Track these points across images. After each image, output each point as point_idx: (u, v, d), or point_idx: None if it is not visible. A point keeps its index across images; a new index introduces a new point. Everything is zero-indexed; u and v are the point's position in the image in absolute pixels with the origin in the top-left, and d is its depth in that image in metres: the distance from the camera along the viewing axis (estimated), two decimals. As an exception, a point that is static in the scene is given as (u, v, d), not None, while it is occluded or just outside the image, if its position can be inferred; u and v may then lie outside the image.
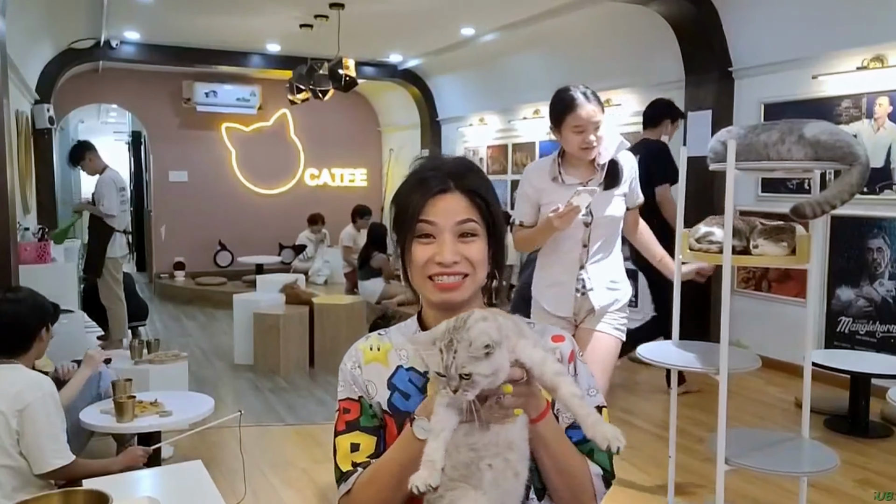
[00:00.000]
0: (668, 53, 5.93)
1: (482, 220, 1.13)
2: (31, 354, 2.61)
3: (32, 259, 5.11)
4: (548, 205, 2.67)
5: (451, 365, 0.92)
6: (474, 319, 0.95)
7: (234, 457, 3.76)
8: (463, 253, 1.11)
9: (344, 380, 1.21)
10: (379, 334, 1.25)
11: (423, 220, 1.11)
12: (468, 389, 0.93)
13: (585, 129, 2.60)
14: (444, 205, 1.12)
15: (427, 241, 1.12)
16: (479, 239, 1.13)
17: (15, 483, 2.32)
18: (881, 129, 4.59)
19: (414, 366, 1.18)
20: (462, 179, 1.13)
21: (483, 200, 1.13)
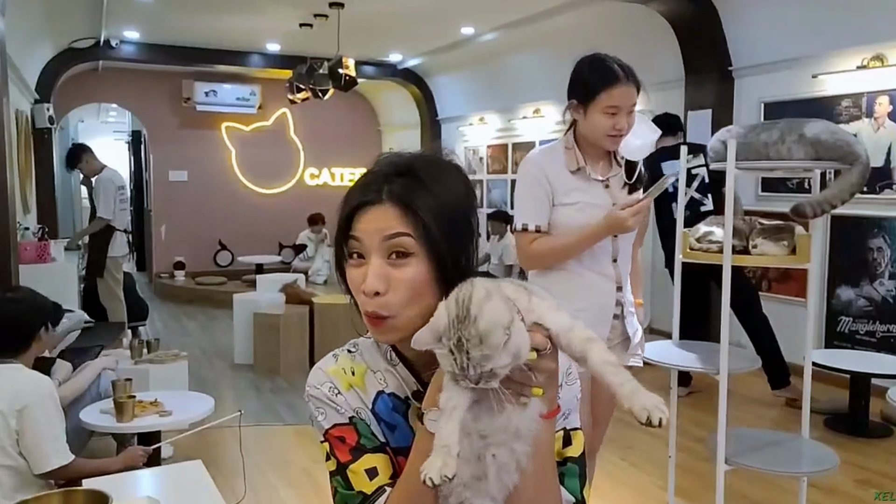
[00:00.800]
0: (668, 53, 5.93)
1: (420, 235, 0.90)
2: (30, 354, 2.61)
3: (32, 259, 5.11)
4: (571, 205, 2.19)
5: (468, 367, 0.80)
6: (477, 305, 0.80)
7: (234, 457, 3.76)
8: (391, 278, 0.91)
9: (324, 405, 1.00)
10: (349, 351, 1.06)
11: (351, 237, 0.93)
12: (490, 380, 0.81)
13: (619, 112, 2.13)
14: (372, 217, 0.92)
15: (357, 262, 0.94)
16: (414, 260, 0.91)
17: (15, 483, 2.32)
18: (881, 128, 4.58)
19: (395, 391, 1.01)
20: (399, 187, 0.92)
21: (419, 212, 0.90)
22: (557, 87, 2.68)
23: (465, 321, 0.80)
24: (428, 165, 0.96)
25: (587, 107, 2.17)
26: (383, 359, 1.03)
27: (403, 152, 1.00)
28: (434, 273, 0.92)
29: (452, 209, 0.94)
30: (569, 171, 2.20)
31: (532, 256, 2.23)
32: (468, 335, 0.80)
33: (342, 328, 5.66)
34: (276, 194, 10.63)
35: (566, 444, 1.01)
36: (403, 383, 1.01)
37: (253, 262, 9.36)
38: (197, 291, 8.99)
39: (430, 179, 0.94)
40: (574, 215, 2.17)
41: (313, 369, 1.06)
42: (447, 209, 0.93)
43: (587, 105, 2.17)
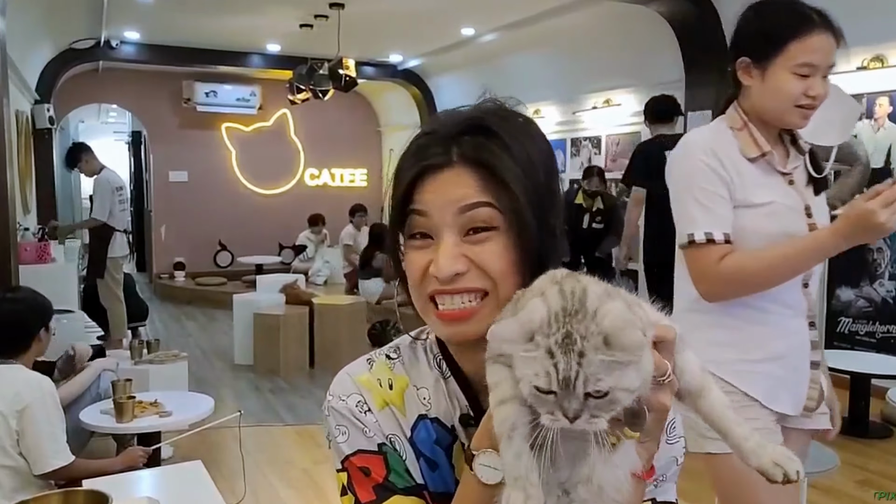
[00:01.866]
0: (668, 53, 5.93)
1: (504, 205, 0.72)
2: (30, 354, 2.61)
3: (32, 259, 5.11)
4: (760, 207, 1.53)
5: (577, 378, 0.56)
6: (597, 299, 0.59)
7: (234, 457, 3.76)
8: (472, 258, 0.72)
9: (347, 423, 0.79)
10: (388, 357, 0.84)
11: (413, 211, 0.75)
12: (599, 415, 0.57)
13: (815, 72, 1.47)
14: (441, 186, 0.73)
15: (421, 244, 0.75)
16: (497, 235, 0.73)
17: (15, 483, 2.32)
18: (881, 129, 4.59)
19: (441, 416, 0.79)
20: (471, 147, 0.73)
21: (502, 177, 0.72)
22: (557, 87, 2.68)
23: (579, 315, 0.57)
24: (501, 119, 0.76)
25: (767, 65, 1.49)
26: (432, 368, 0.82)
27: (463, 108, 0.80)
28: (519, 254, 0.73)
29: (537, 173, 0.75)
30: (746, 160, 1.53)
31: (723, 279, 1.50)
32: (584, 330, 0.56)
33: (342, 329, 5.66)
34: (276, 195, 10.63)
35: None
36: (451, 404, 0.80)
37: (253, 263, 9.36)
38: (197, 292, 8.99)
39: (508, 136, 0.74)
40: (763, 222, 1.52)
41: (340, 374, 0.84)
42: (532, 173, 0.74)
43: (767, 63, 1.49)
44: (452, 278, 0.72)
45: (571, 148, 7.53)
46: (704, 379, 0.68)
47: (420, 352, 0.84)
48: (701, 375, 0.67)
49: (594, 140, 7.20)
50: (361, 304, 6.00)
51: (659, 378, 0.61)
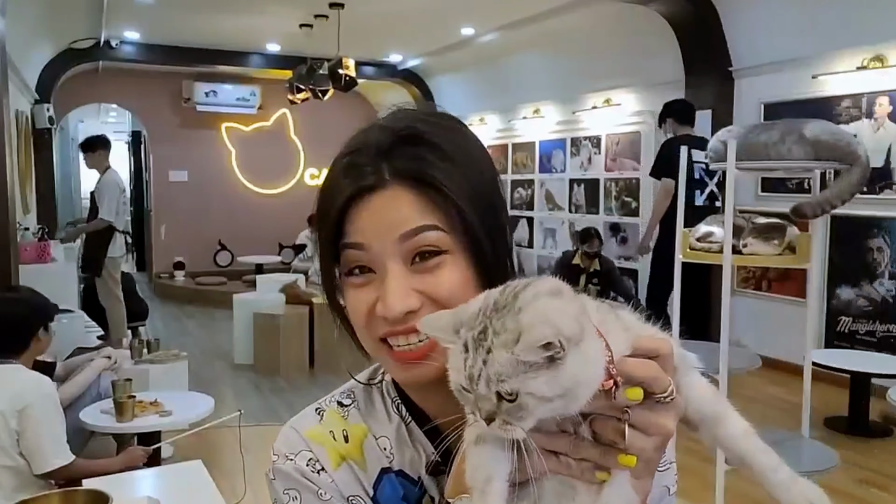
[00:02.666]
0: (668, 53, 5.93)
1: (452, 224, 0.63)
2: (29, 354, 2.61)
3: (32, 259, 5.12)
4: None
5: (479, 376, 0.50)
6: (532, 296, 0.52)
7: (234, 457, 3.76)
8: (424, 290, 0.63)
9: (298, 487, 0.69)
10: (340, 404, 0.74)
11: (348, 245, 0.65)
12: (511, 421, 0.50)
13: None
14: (377, 211, 0.63)
15: (362, 280, 0.65)
16: (450, 259, 0.63)
17: (15, 483, 2.32)
18: (881, 128, 4.59)
19: (405, 467, 0.70)
20: (406, 161, 0.64)
21: (446, 192, 0.63)
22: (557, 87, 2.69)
23: (502, 309, 0.52)
24: (433, 125, 0.67)
25: None
26: (391, 412, 0.72)
27: (387, 114, 0.70)
28: (475, 277, 0.64)
29: (483, 180, 0.66)
30: None
31: None
32: (498, 325, 0.51)
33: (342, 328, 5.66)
34: (276, 194, 10.63)
35: None
36: (417, 453, 0.70)
37: (253, 263, 9.36)
38: (197, 291, 8.99)
39: (444, 141, 0.65)
40: None
41: (284, 430, 0.73)
42: (478, 182, 0.66)
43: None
44: (404, 317, 0.62)
45: (571, 148, 7.52)
46: (719, 403, 0.60)
47: (376, 396, 0.73)
48: (715, 399, 0.60)
49: (594, 140, 7.20)
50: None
51: (659, 396, 0.53)
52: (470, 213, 0.63)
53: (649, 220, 5.34)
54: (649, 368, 0.52)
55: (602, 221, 7.13)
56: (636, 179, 6.67)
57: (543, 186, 7.99)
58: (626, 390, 0.52)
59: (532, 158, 8.17)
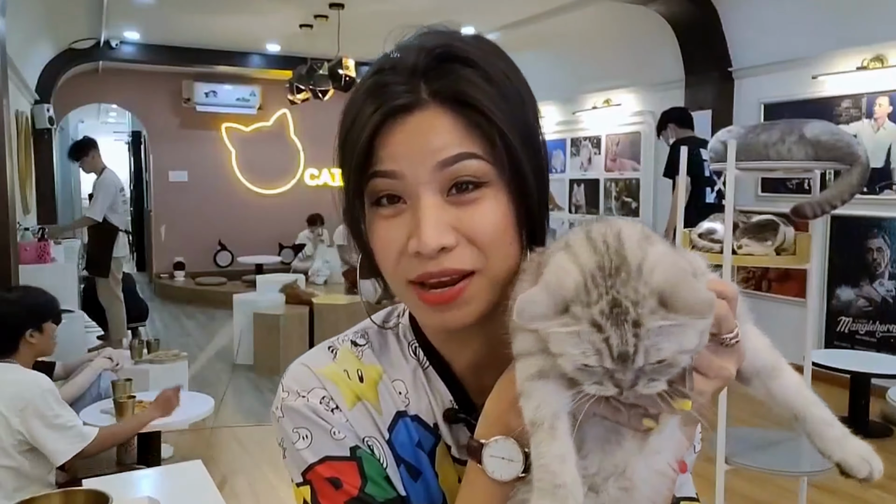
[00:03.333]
0: (668, 53, 5.93)
1: (495, 153, 0.57)
2: (24, 354, 2.59)
3: (32, 259, 5.11)
4: None
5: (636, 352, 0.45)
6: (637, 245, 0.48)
7: (235, 457, 3.77)
8: (460, 227, 0.57)
9: (309, 425, 0.64)
10: (354, 344, 0.70)
11: (377, 173, 0.58)
12: (657, 378, 0.47)
13: None
14: (412, 134, 0.57)
15: (391, 211, 0.59)
16: (490, 192, 0.58)
17: (16, 483, 2.32)
18: (881, 129, 4.59)
19: (421, 413, 0.66)
20: (445, 81, 0.58)
21: (490, 115, 0.57)
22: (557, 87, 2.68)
23: (620, 273, 0.46)
24: (474, 47, 0.62)
25: None
26: (408, 356, 0.68)
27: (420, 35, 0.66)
28: (516, 218, 0.59)
29: (526, 115, 0.61)
30: None
31: None
32: (634, 294, 0.45)
33: (342, 328, 5.61)
34: (276, 195, 10.63)
35: None
36: (433, 400, 0.66)
37: (253, 263, 9.37)
38: (197, 292, 8.99)
39: (486, 63, 0.59)
40: None
41: (294, 366, 0.70)
42: (521, 109, 0.60)
43: None
44: (437, 254, 0.56)
45: (571, 148, 7.53)
46: (775, 356, 0.59)
47: (391, 339, 0.70)
48: (770, 351, 0.58)
49: (594, 140, 7.20)
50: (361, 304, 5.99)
51: (725, 337, 0.50)
52: (514, 142, 0.57)
53: (668, 218, 5.36)
54: (720, 307, 0.48)
55: (602, 221, 7.13)
56: (636, 180, 6.67)
57: (543, 186, 7.99)
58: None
59: (532, 158, 8.17)
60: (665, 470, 0.53)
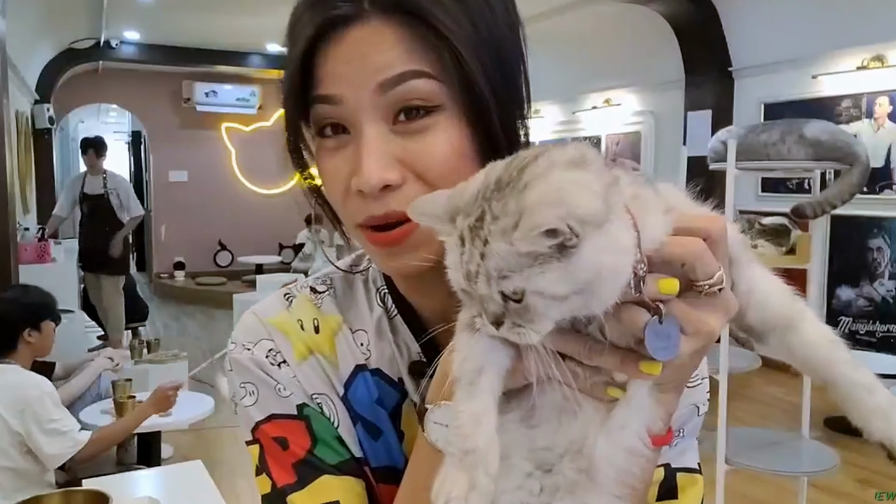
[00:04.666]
0: (668, 53, 5.93)
1: (446, 72, 0.50)
2: (22, 354, 2.59)
3: (32, 259, 5.11)
4: None
5: (477, 273, 0.40)
6: (544, 168, 0.40)
7: (235, 457, 3.77)
8: (406, 160, 0.51)
9: (253, 380, 0.59)
10: (314, 290, 0.63)
11: (318, 97, 0.53)
12: (522, 324, 0.40)
13: None
14: (350, 50, 0.50)
15: (335, 143, 0.53)
16: (442, 119, 0.51)
17: (15, 484, 2.32)
18: (881, 128, 4.59)
19: (384, 367, 0.60)
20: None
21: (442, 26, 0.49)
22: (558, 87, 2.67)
23: (505, 188, 0.40)
24: None
25: None
26: (374, 303, 0.61)
27: None
28: (473, 147, 0.52)
29: (492, 26, 0.53)
30: None
31: None
32: (498, 209, 0.40)
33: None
34: (276, 195, 10.62)
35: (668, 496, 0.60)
36: (399, 351, 0.59)
37: (253, 263, 9.36)
38: (197, 291, 8.99)
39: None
40: None
41: (245, 315, 0.62)
42: (485, 25, 0.52)
43: None
44: (380, 192, 0.50)
45: (571, 148, 7.52)
46: (792, 303, 0.47)
47: (358, 284, 0.63)
48: (787, 297, 0.48)
49: (594, 140, 7.19)
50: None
51: (702, 284, 0.40)
52: (471, 58, 0.50)
53: None
54: (690, 245, 0.40)
55: (602, 221, 7.13)
56: (636, 179, 6.67)
57: (543, 186, 8.00)
58: (659, 280, 0.39)
59: (532, 158, 8.17)
60: (634, 446, 0.44)
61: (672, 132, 6.06)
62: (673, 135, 6.03)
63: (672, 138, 6.05)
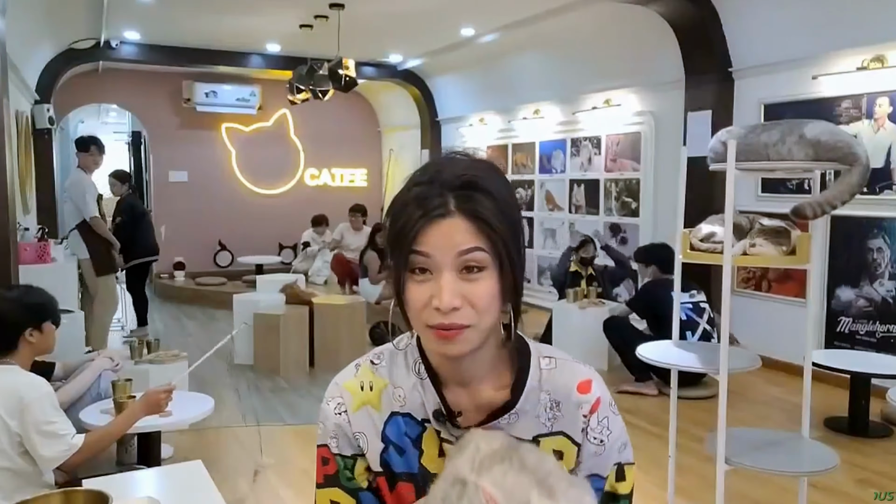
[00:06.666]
0: (668, 53, 5.93)
1: (493, 249, 0.87)
2: (24, 354, 2.59)
3: (32, 259, 5.12)
4: None
5: None
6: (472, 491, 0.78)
7: (234, 457, 3.77)
8: (466, 294, 0.86)
9: (324, 424, 1.00)
10: (372, 363, 1.01)
11: (417, 252, 0.86)
12: None
13: None
14: (442, 232, 0.86)
15: (422, 278, 0.87)
16: (487, 273, 0.87)
17: (15, 484, 2.32)
18: (881, 129, 4.59)
19: (412, 411, 0.97)
20: (467, 200, 0.86)
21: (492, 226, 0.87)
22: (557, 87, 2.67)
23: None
24: (484, 172, 0.90)
25: None
26: (411, 372, 0.98)
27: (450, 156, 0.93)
28: (501, 284, 0.89)
29: (514, 214, 0.91)
30: None
31: None
32: None
33: (342, 328, 5.66)
34: (276, 195, 10.63)
35: (619, 479, 0.98)
36: (425, 401, 0.96)
37: (253, 263, 9.36)
38: (197, 292, 8.99)
39: (493, 188, 0.88)
40: None
41: (332, 383, 1.03)
42: (511, 215, 0.90)
43: None
44: (450, 310, 0.85)
45: (571, 148, 7.53)
46: None
47: (400, 358, 0.99)
48: None
49: (594, 140, 7.20)
50: (361, 304, 6.00)
51: None
52: (508, 242, 0.87)
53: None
54: None
55: (602, 222, 7.13)
56: (636, 180, 6.67)
57: (543, 187, 8.00)
58: None
59: (532, 159, 8.17)
60: None
61: (672, 132, 6.06)
62: (673, 135, 6.03)
63: (672, 138, 6.05)
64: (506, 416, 0.93)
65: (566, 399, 0.95)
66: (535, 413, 0.94)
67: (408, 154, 10.66)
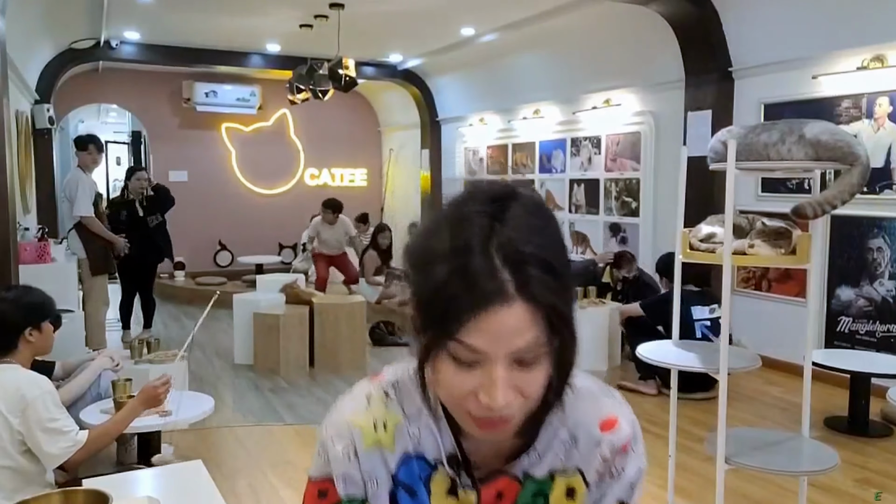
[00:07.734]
0: (668, 53, 5.93)
1: (553, 333, 0.73)
2: (23, 353, 2.59)
3: (32, 259, 5.11)
4: None
5: None
6: None
7: (234, 457, 3.77)
8: (519, 386, 0.74)
9: (325, 459, 0.87)
10: (386, 394, 0.88)
11: (463, 343, 0.72)
12: None
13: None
14: (500, 323, 0.70)
15: (466, 366, 0.73)
16: (542, 362, 0.74)
17: (15, 484, 2.32)
18: (881, 129, 4.59)
19: (426, 452, 0.87)
20: (527, 282, 0.71)
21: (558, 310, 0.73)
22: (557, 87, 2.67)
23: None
24: (552, 243, 0.75)
25: None
26: (427, 409, 0.86)
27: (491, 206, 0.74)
28: (556, 369, 0.77)
29: (570, 282, 0.77)
30: None
31: None
32: None
33: (342, 328, 5.66)
34: (276, 195, 10.63)
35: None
36: (441, 444, 0.86)
37: (253, 263, 9.37)
38: (197, 292, 8.98)
39: (551, 254, 0.73)
40: None
41: (338, 413, 0.89)
42: (569, 287, 0.76)
43: None
44: (502, 407, 0.73)
45: (571, 148, 7.53)
46: None
47: (418, 391, 0.86)
48: None
49: (594, 140, 7.20)
50: (361, 304, 5.99)
51: None
52: (569, 319, 0.74)
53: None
54: None
55: (602, 222, 7.13)
56: (636, 180, 6.67)
57: (543, 187, 8.00)
58: None
59: (532, 159, 8.17)
60: None
61: (672, 132, 6.06)
62: (673, 135, 6.03)
63: (672, 138, 6.05)
64: (525, 457, 0.86)
65: (586, 435, 0.86)
66: (553, 450, 0.86)
67: (408, 154, 10.67)
